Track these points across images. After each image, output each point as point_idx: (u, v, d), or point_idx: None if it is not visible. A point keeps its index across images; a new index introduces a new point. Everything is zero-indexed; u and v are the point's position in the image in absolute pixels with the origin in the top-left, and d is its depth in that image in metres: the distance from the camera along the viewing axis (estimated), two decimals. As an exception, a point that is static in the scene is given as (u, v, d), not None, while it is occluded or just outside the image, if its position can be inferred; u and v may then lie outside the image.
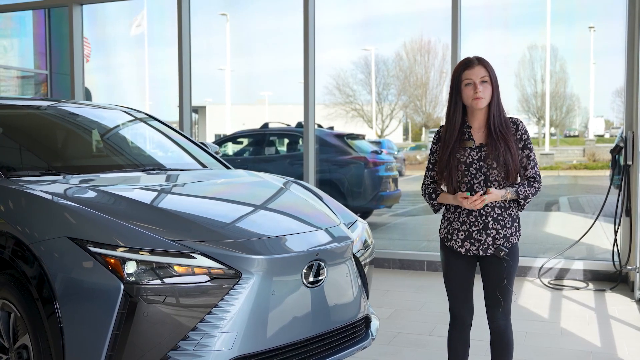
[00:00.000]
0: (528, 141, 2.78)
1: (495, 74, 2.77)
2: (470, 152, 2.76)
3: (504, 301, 2.79)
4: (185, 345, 2.43)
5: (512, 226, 2.77)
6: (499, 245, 2.75)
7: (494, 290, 2.79)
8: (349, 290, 2.97)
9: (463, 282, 2.87)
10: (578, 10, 18.36)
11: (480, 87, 2.71)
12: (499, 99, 2.77)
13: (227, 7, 17.05)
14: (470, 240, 2.78)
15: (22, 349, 2.63)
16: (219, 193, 3.48)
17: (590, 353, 3.86)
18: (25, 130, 3.86)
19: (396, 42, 19.33)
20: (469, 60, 2.75)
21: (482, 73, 2.72)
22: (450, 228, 2.84)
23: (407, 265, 6.26)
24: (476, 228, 2.76)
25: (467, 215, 2.78)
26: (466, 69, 2.74)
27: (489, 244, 2.76)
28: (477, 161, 2.75)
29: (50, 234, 2.58)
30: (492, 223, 2.75)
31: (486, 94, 2.73)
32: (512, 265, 2.78)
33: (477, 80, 2.71)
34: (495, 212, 2.75)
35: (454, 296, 2.90)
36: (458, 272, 2.86)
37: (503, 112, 2.78)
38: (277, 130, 9.81)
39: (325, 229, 3.04)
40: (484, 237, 2.76)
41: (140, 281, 2.41)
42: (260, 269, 2.56)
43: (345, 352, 2.93)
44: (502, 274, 2.76)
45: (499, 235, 2.75)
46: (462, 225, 2.79)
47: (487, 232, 2.75)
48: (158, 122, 4.40)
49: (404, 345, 4.00)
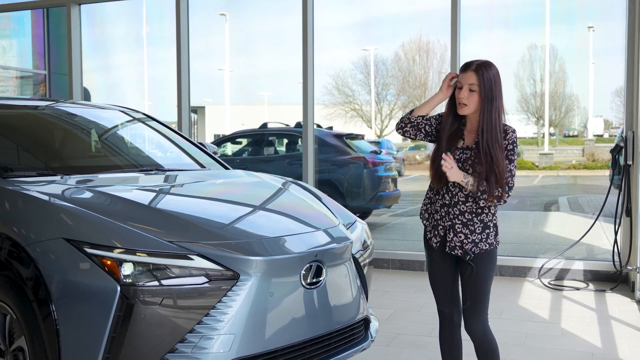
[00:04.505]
0: (512, 152, 2.67)
1: (493, 84, 2.64)
2: (456, 151, 2.74)
3: (475, 306, 2.75)
4: (182, 347, 2.41)
5: (482, 232, 2.72)
6: (466, 249, 2.72)
7: (468, 294, 2.77)
8: (348, 292, 2.94)
9: (444, 278, 2.84)
10: (577, 10, 18.36)
11: (465, 94, 2.66)
12: (491, 110, 2.64)
13: (226, 7, 17.03)
14: (436, 232, 2.78)
15: (18, 351, 2.60)
16: (217, 194, 3.46)
17: (590, 354, 3.84)
18: (23, 131, 3.83)
19: (395, 43, 19.33)
20: (466, 64, 2.71)
21: (471, 80, 2.65)
22: (430, 207, 2.83)
23: (407, 266, 6.24)
24: (442, 224, 2.75)
25: (440, 206, 2.77)
26: (461, 71, 2.71)
27: (456, 244, 2.73)
28: (459, 161, 2.72)
29: (46, 235, 2.55)
30: (460, 227, 2.72)
31: (470, 102, 2.66)
32: (480, 272, 2.73)
33: (465, 86, 2.67)
34: (465, 217, 2.72)
35: (436, 292, 2.89)
36: (435, 264, 2.85)
37: (496, 124, 2.64)
38: (276, 130, 9.79)
39: (324, 229, 3.01)
40: (450, 236, 2.74)
41: (137, 283, 2.39)
42: (258, 270, 2.54)
43: (344, 354, 2.90)
44: (470, 279, 2.74)
45: (467, 240, 2.72)
46: (435, 213, 2.79)
47: (453, 231, 2.73)
48: (156, 122, 4.38)
49: (403, 347, 3.98)
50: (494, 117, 2.65)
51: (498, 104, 2.66)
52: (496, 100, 2.66)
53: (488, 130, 2.64)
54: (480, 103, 2.65)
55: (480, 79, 2.64)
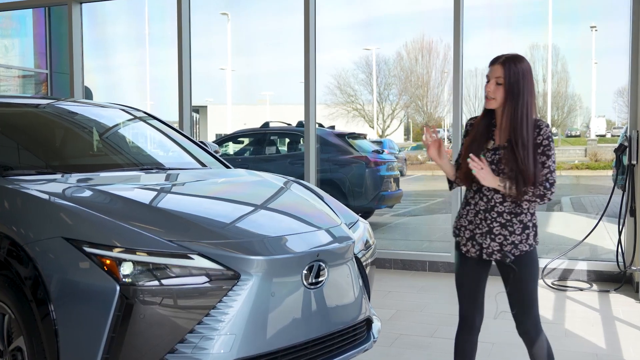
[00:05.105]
0: (547, 147, 2.59)
1: (520, 78, 2.57)
2: (486, 154, 2.67)
3: (528, 314, 2.69)
4: (182, 348, 2.38)
5: (522, 233, 2.64)
6: (505, 252, 2.65)
7: (515, 299, 2.70)
8: (350, 292, 2.91)
9: (471, 283, 2.77)
10: (580, 10, 18.32)
11: (492, 87, 2.61)
12: (517, 105, 2.57)
13: (227, 7, 17.01)
14: (472, 242, 2.71)
15: (17, 351, 2.57)
16: (218, 192, 3.43)
17: (595, 355, 3.81)
18: (22, 129, 3.81)
19: (397, 42, 19.33)
20: (495, 57, 2.64)
21: (497, 73, 2.60)
22: (459, 224, 2.76)
23: (409, 266, 6.21)
24: (479, 231, 2.68)
25: (474, 215, 2.70)
26: (490, 64, 2.65)
27: (494, 249, 2.66)
28: (490, 164, 2.64)
29: (45, 234, 2.52)
30: (500, 228, 2.64)
31: (497, 96, 2.60)
32: (522, 274, 2.65)
33: (492, 80, 2.61)
34: (503, 218, 2.64)
35: (462, 296, 2.81)
36: (467, 271, 2.77)
37: (523, 119, 2.57)
38: (277, 129, 9.76)
39: (326, 229, 2.98)
40: (487, 242, 2.66)
41: (137, 282, 2.36)
42: (259, 270, 2.51)
43: (346, 355, 2.87)
44: (515, 282, 2.66)
45: (507, 242, 2.64)
46: (469, 224, 2.72)
47: (491, 236, 2.66)
48: (157, 121, 4.35)
49: (406, 348, 3.95)
50: (520, 113, 2.58)
51: (527, 100, 2.58)
52: (523, 95, 2.58)
53: (512, 127, 2.58)
54: (506, 97, 2.60)
55: (507, 72, 2.58)
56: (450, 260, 6.04)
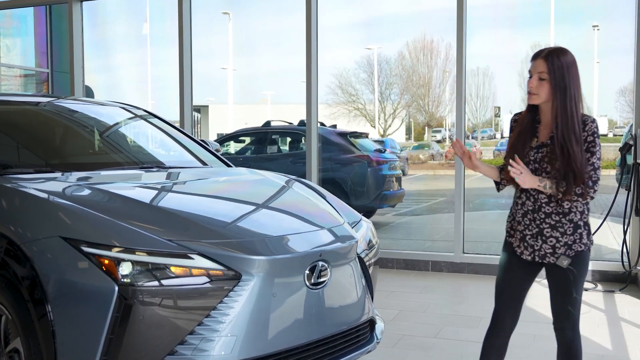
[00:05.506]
0: (593, 144, 2.50)
1: (565, 72, 2.48)
2: (529, 152, 2.59)
3: (570, 312, 2.61)
4: (182, 349, 2.33)
5: (574, 233, 2.55)
6: (560, 254, 2.56)
7: (560, 301, 2.61)
8: (353, 292, 2.86)
9: (515, 284, 2.69)
10: (582, 9, 18.26)
11: (534, 83, 2.52)
12: (564, 100, 2.47)
13: (229, 6, 16.98)
14: (524, 243, 2.62)
15: (14, 352, 2.53)
16: (219, 191, 3.39)
17: (601, 356, 3.76)
18: (21, 127, 3.76)
19: (399, 42, 19.29)
20: (537, 52, 2.56)
21: (540, 68, 2.51)
22: (514, 222, 2.68)
23: (412, 266, 6.16)
24: (530, 232, 2.60)
25: (522, 215, 2.62)
26: (532, 59, 2.56)
27: (546, 251, 2.58)
28: (533, 162, 2.57)
29: (42, 233, 2.48)
30: (550, 230, 2.56)
31: (541, 92, 2.52)
32: (578, 275, 2.57)
33: (534, 75, 2.53)
34: (552, 219, 2.56)
35: (500, 294, 2.73)
36: (513, 275, 2.69)
37: (572, 114, 2.48)
38: (279, 128, 9.71)
39: (329, 228, 2.93)
40: (539, 244, 2.58)
41: (136, 283, 2.31)
42: (261, 270, 2.46)
43: (349, 357, 2.82)
44: (569, 285, 2.58)
45: (560, 244, 2.56)
46: (518, 225, 2.65)
47: (542, 238, 2.57)
48: (158, 119, 4.30)
49: (409, 349, 3.90)
50: (569, 108, 2.49)
51: (573, 94, 2.50)
52: (570, 89, 2.49)
53: (563, 123, 2.48)
54: (551, 93, 2.51)
55: (550, 66, 2.49)
56: (453, 260, 6.00)
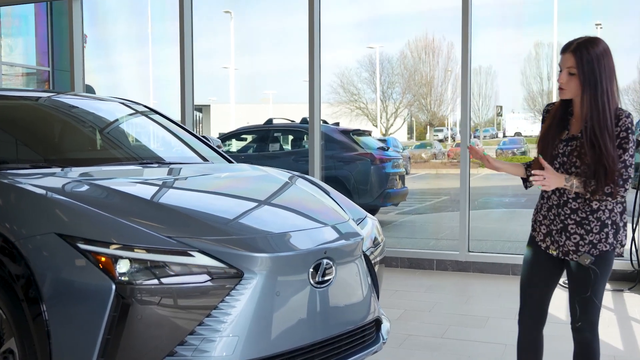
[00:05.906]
0: (626, 140, 2.37)
1: (595, 65, 2.36)
2: (559, 144, 2.50)
3: (587, 312, 2.52)
4: (182, 350, 2.25)
5: (601, 232, 2.46)
6: (583, 252, 2.47)
7: (579, 300, 2.53)
8: (359, 291, 2.78)
9: (539, 282, 2.63)
10: (585, 8, 18.17)
11: (564, 78, 2.42)
12: (595, 95, 2.36)
13: (231, 5, 16.91)
14: (551, 238, 2.55)
15: (8, 353, 2.45)
16: (221, 188, 3.31)
17: (612, 357, 3.67)
18: (18, 122, 3.69)
19: (401, 41, 19.24)
20: (566, 44, 2.45)
21: (569, 63, 2.41)
22: (536, 217, 2.63)
23: (416, 264, 6.09)
24: (555, 227, 2.53)
25: (547, 210, 2.55)
26: (561, 52, 2.46)
27: (569, 248, 2.50)
28: (562, 156, 2.48)
29: (38, 230, 2.40)
30: (575, 227, 2.48)
31: (570, 87, 2.42)
32: (600, 275, 2.48)
33: (564, 70, 2.43)
34: (578, 215, 2.47)
35: (524, 294, 2.68)
36: (538, 270, 2.62)
37: (604, 109, 2.36)
38: (281, 126, 9.64)
39: (333, 225, 2.85)
40: (563, 239, 2.51)
41: (134, 281, 2.23)
42: (263, 268, 2.38)
43: (354, 357, 2.74)
44: (588, 284, 2.48)
45: (584, 242, 2.47)
46: (544, 219, 2.58)
47: (566, 234, 2.49)
48: (158, 115, 4.23)
49: (415, 349, 3.81)
50: (601, 102, 2.37)
51: (605, 87, 2.37)
52: (602, 83, 2.37)
53: (594, 117, 2.37)
54: (581, 88, 2.40)
55: (579, 61, 2.38)
56: (459, 259, 5.92)
